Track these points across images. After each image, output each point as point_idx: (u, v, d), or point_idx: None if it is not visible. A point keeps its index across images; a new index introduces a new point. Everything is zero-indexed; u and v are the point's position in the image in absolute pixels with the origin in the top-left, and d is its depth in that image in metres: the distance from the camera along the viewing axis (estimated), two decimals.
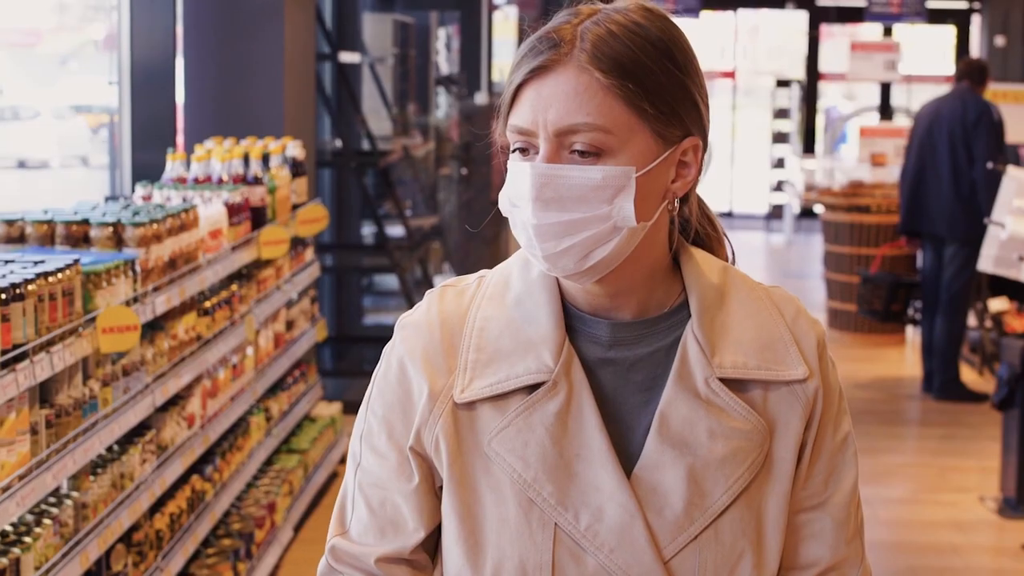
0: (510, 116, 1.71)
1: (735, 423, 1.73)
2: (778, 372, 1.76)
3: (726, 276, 1.82)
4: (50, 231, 4.30)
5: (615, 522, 1.71)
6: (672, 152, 1.71)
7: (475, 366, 1.76)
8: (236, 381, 5.41)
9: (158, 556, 4.45)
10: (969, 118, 8.81)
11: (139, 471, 4.28)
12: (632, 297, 1.77)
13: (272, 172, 6.04)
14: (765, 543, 1.75)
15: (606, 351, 1.76)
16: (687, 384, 1.74)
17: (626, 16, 1.70)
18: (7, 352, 3.30)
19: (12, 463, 3.35)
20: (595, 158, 1.67)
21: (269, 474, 6.01)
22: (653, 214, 1.72)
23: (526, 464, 1.72)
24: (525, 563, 1.71)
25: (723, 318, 1.78)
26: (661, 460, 1.72)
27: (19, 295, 3.37)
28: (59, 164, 11.75)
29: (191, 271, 4.76)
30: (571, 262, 1.69)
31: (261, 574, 5.43)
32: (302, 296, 6.71)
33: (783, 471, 1.76)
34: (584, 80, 1.66)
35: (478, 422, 1.75)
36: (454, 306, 1.80)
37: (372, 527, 1.80)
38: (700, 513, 1.72)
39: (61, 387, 3.73)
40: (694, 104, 1.72)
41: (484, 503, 1.74)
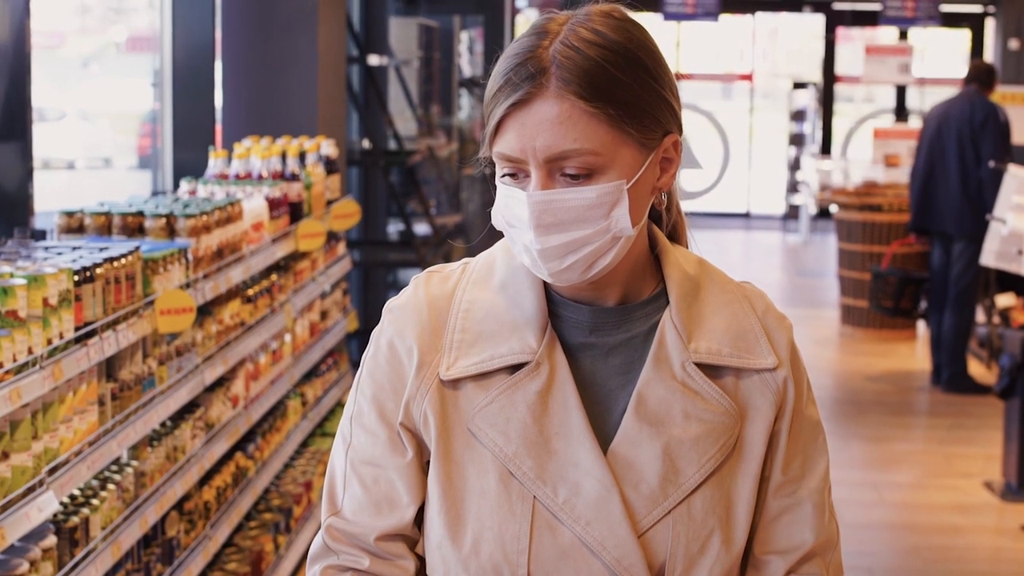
0: (495, 144, 1.76)
1: (709, 406, 1.81)
2: (749, 360, 1.84)
3: (702, 269, 1.90)
4: (107, 222, 4.62)
5: (592, 496, 1.77)
6: (655, 154, 1.79)
7: (460, 346, 1.82)
8: (275, 366, 5.73)
9: (207, 525, 4.77)
10: (977, 119, 9.11)
11: (190, 445, 4.60)
12: (615, 287, 1.84)
13: (308, 169, 6.37)
14: (734, 521, 1.81)
15: (587, 336, 1.84)
16: (664, 367, 1.82)
17: (593, 32, 1.74)
18: (79, 329, 3.63)
19: (83, 430, 3.68)
20: (586, 179, 1.73)
21: (305, 455, 6.34)
22: (644, 214, 1.81)
23: (507, 439, 1.79)
24: (503, 534, 1.77)
25: (699, 308, 1.85)
26: (638, 437, 1.79)
27: (89, 277, 3.70)
28: (84, 165, 12.05)
29: (236, 260, 5.08)
30: (575, 275, 1.77)
31: (299, 547, 5.76)
32: (335, 288, 7.03)
33: (753, 454, 1.83)
34: (566, 108, 1.71)
35: (462, 399, 1.82)
36: (440, 290, 1.87)
37: (367, 505, 1.85)
38: (674, 489, 1.78)
39: (124, 363, 4.06)
40: (667, 104, 1.79)
41: (466, 476, 1.80)
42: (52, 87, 12.15)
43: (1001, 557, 6.22)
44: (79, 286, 3.63)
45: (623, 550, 1.75)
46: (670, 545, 1.77)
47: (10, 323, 3.23)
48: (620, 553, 1.75)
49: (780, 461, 1.86)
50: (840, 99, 21.92)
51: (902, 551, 6.19)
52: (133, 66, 11.23)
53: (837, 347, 10.67)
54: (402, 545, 1.84)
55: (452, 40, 12.72)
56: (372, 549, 1.84)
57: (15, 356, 3.22)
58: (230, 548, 5.18)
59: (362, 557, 1.84)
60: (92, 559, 3.72)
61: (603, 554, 1.75)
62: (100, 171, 12.14)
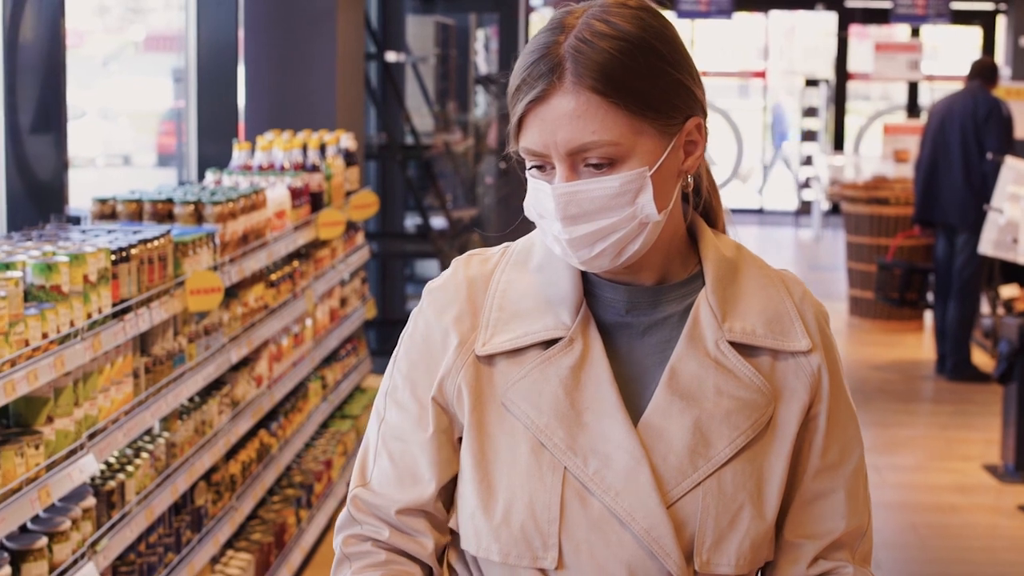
0: (520, 139, 1.79)
1: (741, 383, 1.83)
2: (784, 343, 1.86)
3: (739, 253, 1.91)
4: (138, 209, 4.87)
5: (622, 467, 1.79)
6: (678, 138, 1.80)
7: (497, 323, 1.86)
8: (297, 349, 5.99)
9: (232, 497, 5.02)
10: (980, 114, 9.33)
11: (217, 420, 4.86)
12: (650, 269, 1.87)
13: (328, 161, 6.62)
14: (764, 498, 1.83)
15: (623, 315, 1.86)
16: (698, 344, 1.84)
17: (608, 24, 1.77)
18: (116, 305, 3.89)
19: (119, 400, 3.93)
20: (609, 168, 1.76)
21: (325, 436, 6.59)
22: (672, 199, 1.82)
23: (539, 411, 1.81)
24: (534, 503, 1.79)
25: (735, 289, 1.87)
26: (669, 410, 1.82)
27: (125, 257, 3.96)
28: (104, 163, 12.28)
29: (260, 246, 5.33)
30: (606, 261, 1.80)
31: (319, 522, 6.02)
32: (353, 276, 7.29)
33: (786, 434, 1.85)
34: (582, 101, 1.74)
35: (496, 374, 1.85)
36: (479, 271, 1.91)
37: (392, 478, 1.88)
38: (704, 462, 1.80)
39: (156, 339, 4.32)
40: (687, 89, 1.80)
41: (498, 448, 1.83)
42: (73, 86, 12.38)
43: (996, 535, 6.45)
44: (116, 265, 3.89)
45: (652, 520, 1.77)
46: (699, 516, 1.79)
47: (54, 297, 3.49)
48: (649, 523, 1.77)
49: (818, 447, 1.88)
50: (857, 97, 22.12)
51: (900, 528, 6.41)
52: (152, 65, 11.43)
53: (845, 338, 10.89)
54: (423, 521, 1.87)
55: (468, 38, 12.95)
56: (393, 522, 1.87)
57: (59, 328, 3.48)
58: (254, 520, 5.44)
59: (382, 528, 1.87)
60: (127, 521, 3.97)
61: (632, 524, 1.77)
62: (120, 169, 12.36)
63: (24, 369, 3.26)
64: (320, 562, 5.88)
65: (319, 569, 5.81)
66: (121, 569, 4.01)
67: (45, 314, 3.40)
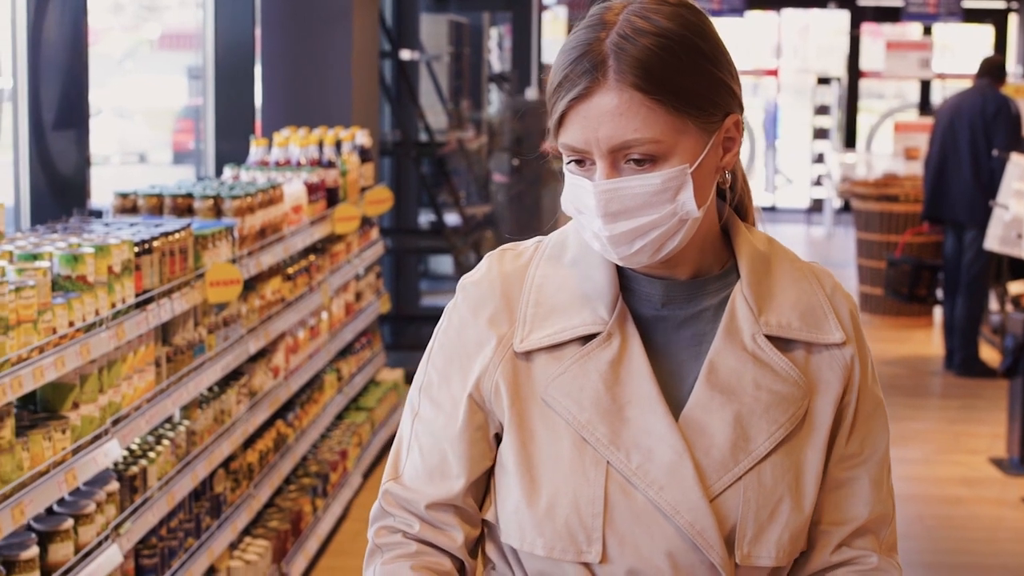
0: (560, 135, 1.80)
1: (778, 377, 1.84)
2: (818, 335, 1.87)
3: (772, 247, 1.93)
4: (159, 203, 4.99)
5: (665, 461, 1.80)
6: (717, 135, 1.81)
7: (534, 319, 1.86)
8: (313, 341, 6.10)
9: (250, 485, 5.14)
10: (989, 111, 9.43)
11: (235, 410, 4.98)
12: (686, 264, 1.88)
13: (343, 157, 6.74)
14: (802, 490, 1.85)
15: (659, 309, 1.87)
16: (735, 338, 1.85)
17: (649, 21, 1.77)
18: (139, 295, 4.01)
19: (141, 388, 4.05)
20: (651, 164, 1.76)
21: (340, 427, 6.71)
22: (710, 195, 1.83)
23: (581, 407, 1.82)
24: (578, 498, 1.80)
25: (769, 283, 1.89)
26: (709, 405, 1.83)
27: (148, 249, 4.08)
28: (119, 161, 12.40)
29: (277, 240, 5.45)
30: (645, 257, 1.81)
31: (335, 511, 6.13)
32: (368, 271, 7.40)
33: (821, 426, 1.87)
34: (625, 99, 1.74)
35: (535, 370, 1.85)
36: (512, 266, 1.92)
37: (423, 473, 1.90)
38: (745, 456, 1.82)
39: (177, 330, 4.44)
40: (726, 86, 1.81)
41: (540, 443, 1.83)
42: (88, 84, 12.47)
43: (1000, 526, 6.54)
44: (139, 256, 4.01)
45: (696, 514, 1.79)
46: (741, 510, 1.81)
47: (80, 287, 3.61)
48: (693, 517, 1.79)
49: (844, 435, 1.90)
50: (871, 95, 22.19)
51: (906, 519, 6.51)
52: (167, 63, 11.52)
53: None
54: (453, 514, 1.89)
55: (482, 36, 13.07)
56: (423, 515, 1.89)
57: (84, 316, 3.60)
58: (271, 508, 5.56)
59: (413, 522, 1.89)
60: (149, 505, 4.09)
61: (676, 518, 1.79)
62: (136, 166, 12.47)
63: (52, 356, 3.38)
64: (335, 550, 6.00)
65: (335, 557, 5.93)
66: (143, 552, 4.13)
67: (72, 303, 3.52)
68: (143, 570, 4.12)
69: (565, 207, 1.84)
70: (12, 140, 5.00)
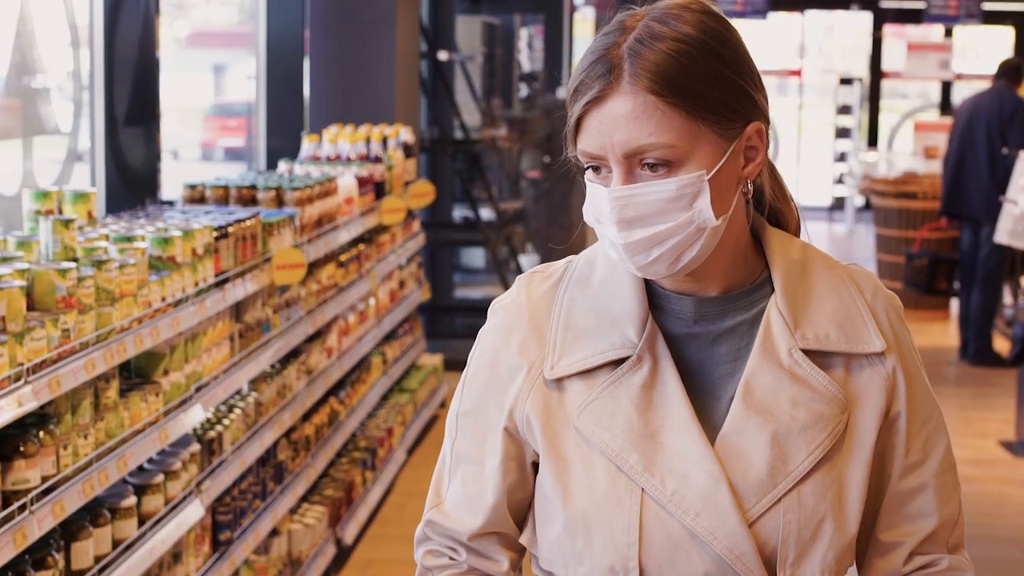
0: (578, 141, 1.77)
1: (816, 393, 1.79)
2: (858, 345, 1.82)
3: (806, 253, 1.87)
4: (225, 194, 5.41)
5: (700, 487, 1.75)
6: (737, 143, 1.76)
7: (563, 344, 1.83)
8: (362, 325, 6.52)
9: (308, 455, 5.56)
10: (1006, 112, 9.83)
11: (295, 385, 5.39)
12: (716, 277, 1.82)
13: (389, 153, 7.15)
14: (846, 507, 1.79)
15: (691, 326, 1.83)
16: (771, 354, 1.80)
17: (668, 26, 1.74)
18: (217, 276, 4.43)
19: (219, 359, 4.47)
20: (666, 170, 1.72)
21: (386, 407, 7.13)
22: (731, 204, 1.77)
23: (612, 434, 1.78)
24: (614, 527, 1.77)
25: (805, 293, 1.83)
26: (746, 426, 1.78)
27: (225, 234, 4.50)
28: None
29: (332, 229, 5.87)
30: (663, 267, 1.76)
31: (383, 483, 6.56)
32: (410, 261, 7.82)
33: (864, 440, 1.81)
34: (639, 103, 1.71)
35: (567, 397, 1.82)
36: (542, 290, 1.89)
37: (463, 502, 1.89)
38: (783, 477, 1.77)
39: (247, 309, 4.86)
40: (747, 94, 1.77)
41: (575, 472, 1.80)
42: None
43: (1008, 502, 6.93)
44: (218, 240, 4.43)
45: (734, 539, 1.75)
46: (781, 532, 1.76)
47: (169, 266, 4.02)
48: (731, 542, 1.75)
49: (902, 447, 1.85)
50: (895, 95, 22.52)
51: None
52: (196, 61, 11.85)
53: None
54: (495, 542, 1.89)
55: (513, 37, 13.47)
56: (467, 544, 1.89)
57: (173, 292, 4.02)
58: (326, 477, 5.98)
59: (459, 549, 1.91)
60: (224, 467, 4.51)
61: (714, 543, 1.75)
62: (167, 163, 12.83)
63: (148, 326, 3.80)
64: (383, 520, 6.42)
65: (382, 526, 6.35)
66: (219, 509, 4.54)
67: (164, 281, 3.94)
68: (219, 525, 4.53)
69: (586, 217, 1.81)
70: (89, 135, 5.42)
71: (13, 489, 3.12)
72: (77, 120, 5.38)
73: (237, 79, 20.30)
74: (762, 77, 1.81)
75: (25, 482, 3.14)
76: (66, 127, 5.32)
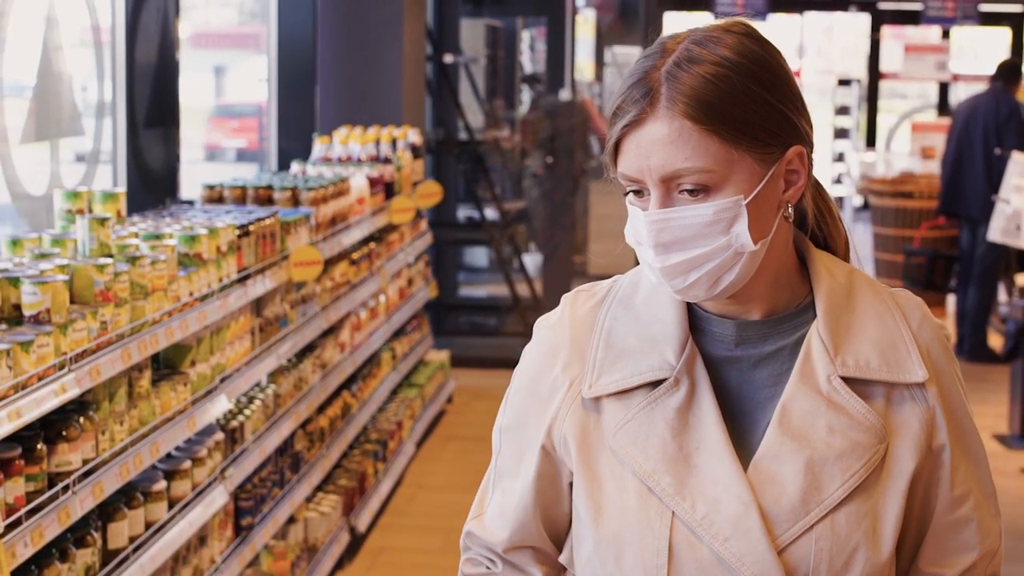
0: (618, 163, 1.77)
1: (854, 421, 1.77)
2: (899, 374, 1.79)
3: (852, 278, 1.85)
4: (242, 194, 5.60)
5: (731, 512, 1.75)
6: (777, 167, 1.75)
7: (603, 364, 1.84)
8: (372, 321, 6.72)
9: (323, 446, 5.75)
10: (1001, 114, 10.04)
11: (310, 378, 5.59)
12: (758, 301, 1.82)
13: (398, 154, 7.35)
14: (880, 537, 1.77)
15: (732, 349, 1.82)
16: (809, 380, 1.78)
17: (708, 49, 1.74)
18: (240, 272, 4.62)
19: (241, 352, 4.67)
20: (704, 195, 1.71)
21: (395, 401, 7.32)
22: (770, 229, 1.76)
23: (646, 456, 1.78)
24: (643, 549, 1.77)
25: (848, 319, 1.81)
26: (780, 452, 1.77)
27: (247, 232, 4.69)
28: None
29: (345, 228, 6.06)
30: (702, 291, 1.76)
31: (394, 473, 6.76)
32: (418, 259, 8.02)
33: (901, 471, 1.79)
34: (676, 128, 1.70)
35: (604, 416, 1.83)
36: (585, 309, 1.89)
37: (500, 515, 1.92)
38: (816, 504, 1.75)
39: (267, 304, 5.05)
40: (788, 118, 1.75)
41: (607, 492, 1.81)
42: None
43: (1001, 492, 7.02)
44: (240, 238, 4.62)
45: (762, 566, 1.74)
46: (813, 560, 1.75)
47: (196, 263, 4.22)
48: (759, 569, 1.74)
49: (947, 480, 1.83)
50: (894, 96, 22.72)
51: None
52: (197, 62, 12.00)
53: None
54: (529, 555, 1.92)
55: (515, 39, 13.65)
56: (503, 556, 1.93)
57: (200, 288, 4.21)
58: (339, 468, 6.18)
59: (496, 559, 1.94)
60: (246, 455, 4.70)
61: (742, 570, 1.74)
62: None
63: (179, 319, 3.99)
64: (393, 510, 6.61)
65: (393, 516, 6.54)
66: (241, 496, 4.73)
67: (191, 276, 4.14)
68: (240, 511, 4.72)
69: (627, 239, 1.81)
70: (111, 137, 5.61)
71: (57, 471, 3.32)
72: (100, 122, 5.57)
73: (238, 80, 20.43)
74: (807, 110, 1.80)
75: (68, 464, 3.34)
76: (89, 130, 5.51)
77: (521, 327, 10.02)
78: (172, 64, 5.81)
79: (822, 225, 1.91)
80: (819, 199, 1.91)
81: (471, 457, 7.43)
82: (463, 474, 7.17)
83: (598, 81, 15.73)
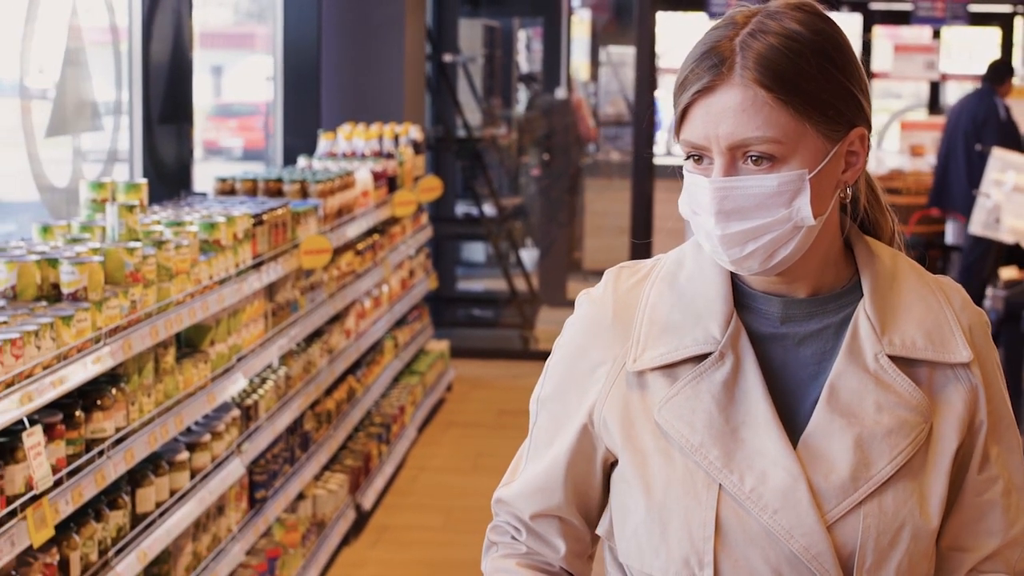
0: (682, 131, 1.76)
1: (901, 399, 1.78)
2: (944, 355, 1.81)
3: (897, 261, 1.87)
4: (253, 186, 5.88)
5: (779, 485, 1.75)
6: (840, 146, 1.76)
7: (647, 338, 1.83)
8: (376, 310, 7.00)
9: (330, 427, 6.03)
10: (979, 115, 10.35)
11: (318, 362, 5.86)
12: (806, 279, 1.83)
13: (400, 149, 7.63)
14: (927, 515, 1.78)
15: (778, 327, 1.83)
16: (857, 358, 1.79)
17: (781, 23, 1.75)
18: (255, 258, 4.90)
19: (255, 334, 4.94)
20: (769, 165, 1.72)
21: (397, 387, 7.61)
22: (828, 207, 1.78)
23: (693, 430, 1.78)
24: (690, 521, 1.77)
25: (894, 300, 1.82)
26: (829, 428, 1.78)
27: (261, 221, 4.97)
28: None
29: (350, 219, 6.34)
30: (756, 263, 1.76)
31: (396, 455, 7.04)
32: (419, 252, 8.30)
33: (945, 449, 1.80)
34: (749, 96, 1.71)
35: (648, 390, 1.82)
36: (628, 284, 1.89)
37: (531, 484, 1.92)
38: (865, 481, 1.75)
39: (278, 289, 5.33)
40: (854, 98, 1.77)
41: (654, 466, 1.80)
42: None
43: None
44: (254, 227, 4.90)
45: (811, 538, 1.74)
46: (860, 536, 1.75)
47: (215, 248, 4.50)
48: (808, 541, 1.74)
49: (978, 461, 1.84)
50: (888, 95, 22.99)
51: None
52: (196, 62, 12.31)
53: None
54: (555, 526, 1.92)
55: (512, 39, 13.91)
56: (528, 524, 1.93)
57: (218, 272, 4.49)
58: (345, 449, 6.46)
59: (520, 528, 1.94)
60: (260, 432, 4.98)
61: (790, 542, 1.74)
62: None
63: (200, 300, 4.27)
64: (396, 490, 6.90)
65: (396, 496, 6.83)
66: (255, 470, 5.01)
67: (211, 261, 4.41)
68: (255, 484, 5.00)
69: (682, 209, 1.82)
70: (128, 132, 5.88)
71: (92, 437, 3.59)
72: (117, 119, 5.84)
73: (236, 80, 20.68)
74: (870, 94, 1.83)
75: (103, 431, 3.62)
76: (108, 125, 5.78)
77: (518, 320, 10.31)
78: (186, 63, 6.09)
79: (869, 212, 1.93)
80: (868, 187, 1.94)
81: (470, 442, 7.72)
82: (463, 458, 7.46)
83: (593, 80, 16.00)
